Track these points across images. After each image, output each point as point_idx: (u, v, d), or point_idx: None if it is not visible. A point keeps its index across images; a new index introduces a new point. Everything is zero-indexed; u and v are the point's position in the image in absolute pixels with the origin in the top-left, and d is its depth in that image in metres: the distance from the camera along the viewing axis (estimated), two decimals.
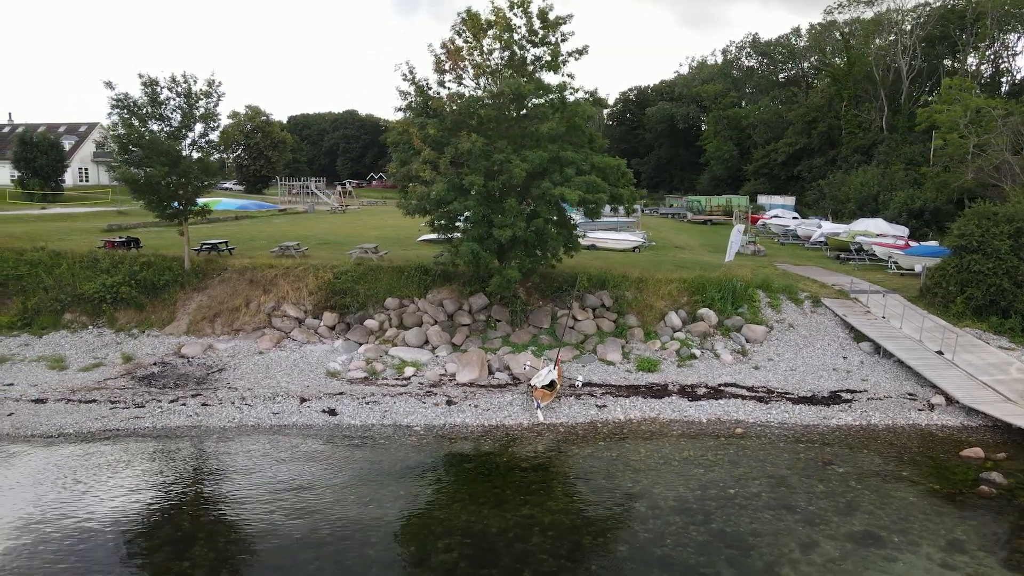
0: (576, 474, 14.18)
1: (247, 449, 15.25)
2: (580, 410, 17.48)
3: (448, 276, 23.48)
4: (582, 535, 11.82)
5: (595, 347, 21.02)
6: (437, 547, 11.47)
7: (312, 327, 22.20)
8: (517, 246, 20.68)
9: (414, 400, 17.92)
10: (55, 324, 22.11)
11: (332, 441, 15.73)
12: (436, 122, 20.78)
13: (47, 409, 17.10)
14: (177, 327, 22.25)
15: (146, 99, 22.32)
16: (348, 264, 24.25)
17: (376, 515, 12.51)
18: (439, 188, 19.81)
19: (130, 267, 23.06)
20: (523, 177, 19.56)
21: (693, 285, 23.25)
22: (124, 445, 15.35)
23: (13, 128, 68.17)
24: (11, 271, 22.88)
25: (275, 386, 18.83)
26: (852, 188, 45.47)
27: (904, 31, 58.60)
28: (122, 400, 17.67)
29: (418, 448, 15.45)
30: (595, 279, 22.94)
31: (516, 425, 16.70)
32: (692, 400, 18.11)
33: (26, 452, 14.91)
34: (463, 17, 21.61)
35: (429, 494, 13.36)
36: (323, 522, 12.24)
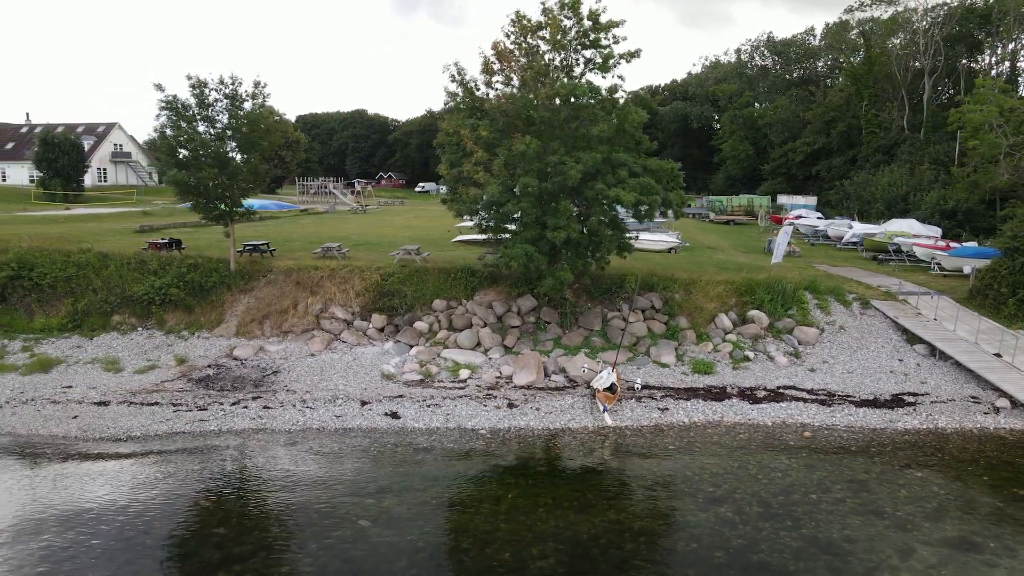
0: (654, 478, 14.11)
1: (316, 452, 15.22)
2: (643, 413, 17.43)
3: (495, 278, 23.42)
4: (675, 541, 11.77)
5: (648, 349, 20.95)
6: (532, 553, 11.42)
7: (361, 329, 22.17)
8: (569, 248, 20.61)
9: (475, 403, 17.88)
10: (104, 326, 22.10)
11: (400, 444, 15.69)
12: (487, 123, 20.74)
13: (111, 412, 17.09)
14: (226, 329, 22.23)
15: (194, 101, 22.33)
16: (393, 265, 24.22)
17: (463, 520, 12.48)
18: (493, 190, 19.74)
19: (178, 269, 23.04)
20: (578, 179, 19.50)
21: (741, 287, 23.17)
22: (193, 448, 15.32)
23: (31, 128, 68.32)
24: (59, 273, 22.87)
25: (332, 389, 18.80)
26: (879, 188, 45.30)
27: (922, 30, 58.38)
28: (183, 403, 17.65)
29: (487, 452, 15.41)
30: (644, 281, 22.86)
31: (581, 428, 16.65)
32: (752, 403, 18.04)
33: (99, 454, 14.89)
34: (512, 19, 21.60)
35: (510, 499, 13.30)
36: (411, 527, 12.20)
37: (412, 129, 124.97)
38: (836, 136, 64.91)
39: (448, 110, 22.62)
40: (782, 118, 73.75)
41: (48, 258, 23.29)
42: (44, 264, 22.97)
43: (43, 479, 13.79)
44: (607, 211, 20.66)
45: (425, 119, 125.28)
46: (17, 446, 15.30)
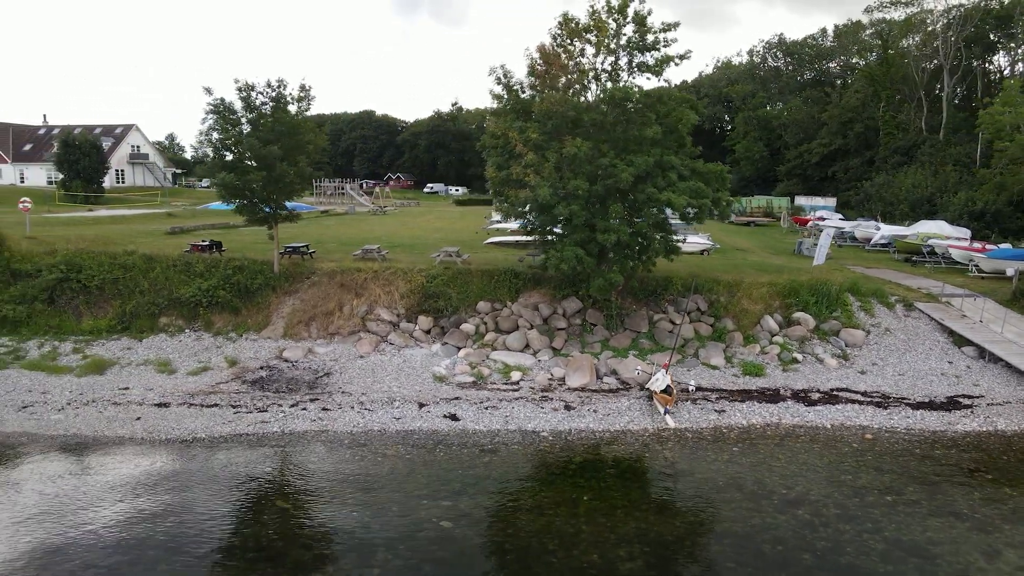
0: (724, 480, 14.16)
1: (383, 454, 15.30)
2: (700, 415, 17.49)
3: (538, 279, 23.51)
4: (759, 543, 11.82)
5: (696, 351, 21.02)
6: (619, 555, 11.49)
7: (407, 331, 22.25)
8: (619, 250, 20.68)
9: (531, 405, 17.95)
10: (152, 327, 22.22)
11: (463, 446, 15.77)
12: (537, 126, 20.82)
13: (173, 413, 17.19)
14: (273, 331, 22.32)
15: (241, 105, 22.45)
16: (436, 267, 24.31)
17: (543, 521, 12.54)
18: (544, 192, 19.80)
19: (224, 271, 23.16)
20: (630, 182, 19.57)
21: (784, 289, 23.22)
22: (260, 449, 15.41)
23: (49, 130, 68.63)
24: (107, 275, 23.00)
25: (386, 391, 18.88)
26: (902, 189, 45.31)
27: (940, 31, 58.38)
28: (242, 404, 17.75)
29: (552, 453, 15.48)
30: (688, 283, 22.92)
31: (641, 430, 16.72)
32: (808, 405, 18.09)
33: (168, 455, 14.98)
34: (559, 21, 21.69)
35: (586, 500, 13.37)
36: (494, 529, 12.29)
37: (420, 130, 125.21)
38: (853, 137, 64.95)
39: (494, 112, 22.68)
40: (797, 119, 73.82)
41: (95, 260, 23.44)
42: (92, 266, 23.11)
43: (119, 480, 13.89)
44: (657, 214, 20.72)
45: (433, 120, 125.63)
46: (86, 448, 15.40)
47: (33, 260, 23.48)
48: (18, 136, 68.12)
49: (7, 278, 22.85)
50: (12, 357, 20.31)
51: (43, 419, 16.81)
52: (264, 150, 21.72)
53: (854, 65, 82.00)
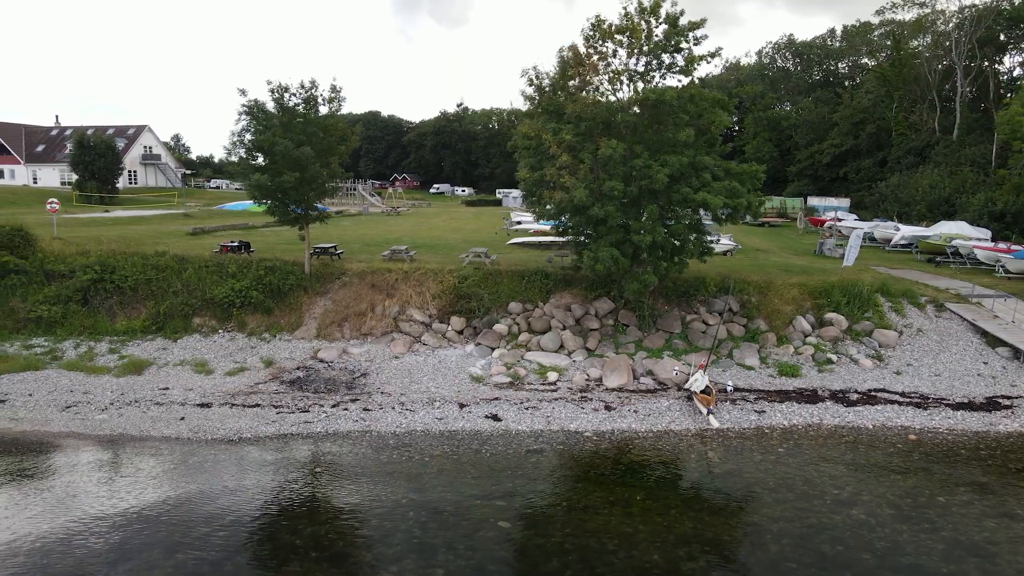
0: (775, 481, 14.19)
1: (429, 455, 15.35)
2: (740, 415, 17.53)
3: (568, 280, 23.58)
4: (819, 543, 11.86)
5: (730, 352, 21.06)
6: (679, 555, 11.55)
7: (440, 331, 22.32)
8: (653, 251, 20.71)
9: (572, 405, 18.02)
10: (186, 328, 22.31)
11: (509, 447, 15.82)
12: (571, 127, 20.86)
13: (216, 413, 17.27)
14: (307, 331, 22.40)
15: (274, 106, 22.53)
16: (465, 268, 24.37)
17: (600, 521, 12.58)
18: (580, 194, 19.84)
19: (256, 271, 23.24)
20: (665, 183, 19.62)
21: (816, 289, 23.25)
22: (307, 449, 15.47)
23: (61, 131, 68.79)
24: (140, 276, 23.10)
25: (425, 391, 18.95)
26: (919, 190, 45.31)
27: (953, 32, 58.36)
28: (284, 405, 17.83)
29: (598, 453, 15.54)
30: (720, 284, 22.97)
31: (684, 431, 16.77)
32: (847, 406, 18.13)
33: (217, 455, 15.05)
34: (592, 23, 21.75)
35: (639, 500, 13.42)
36: (551, 529, 12.33)
37: (426, 131, 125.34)
38: (865, 138, 64.92)
39: (526, 113, 22.73)
40: (807, 119, 73.79)
41: (128, 261, 23.55)
42: (125, 267, 23.22)
43: (173, 480, 13.96)
44: (692, 215, 20.76)
45: (439, 120, 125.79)
46: (133, 448, 15.48)
47: (66, 261, 23.59)
48: (31, 137, 68.30)
49: (41, 279, 22.96)
50: (50, 357, 20.42)
51: (88, 419, 16.91)
52: (298, 151, 21.78)
53: (863, 65, 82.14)
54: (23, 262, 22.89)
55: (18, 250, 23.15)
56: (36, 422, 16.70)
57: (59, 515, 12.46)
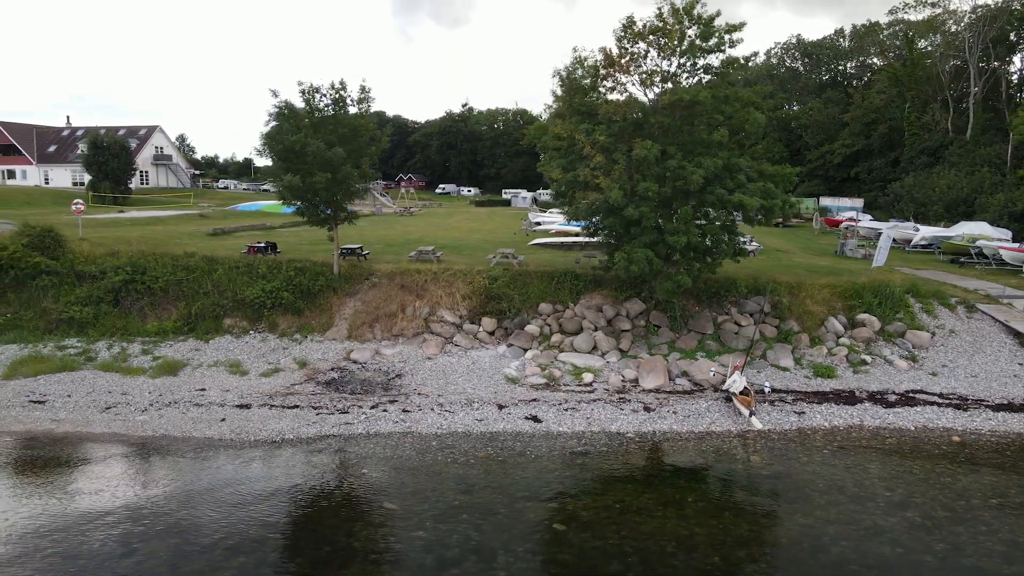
0: (824, 483, 14.15)
1: (473, 456, 15.32)
2: (780, 417, 17.50)
3: (598, 281, 23.55)
4: (879, 545, 11.82)
5: (764, 353, 21.03)
6: (739, 557, 11.53)
7: (471, 332, 22.30)
8: (687, 252, 20.69)
9: (610, 407, 18.00)
10: (217, 329, 22.30)
11: (552, 448, 15.80)
12: (604, 128, 20.85)
13: (256, 415, 17.26)
14: (338, 332, 22.39)
15: (305, 107, 22.53)
16: (494, 269, 24.35)
17: (655, 523, 12.54)
18: (615, 195, 19.82)
19: (286, 272, 23.25)
20: (700, 184, 19.60)
21: (847, 290, 23.21)
22: (352, 451, 15.45)
23: (73, 131, 68.85)
24: (171, 277, 23.09)
25: (462, 392, 18.93)
26: (936, 190, 45.26)
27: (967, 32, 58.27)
28: (323, 406, 17.82)
29: (641, 455, 15.52)
30: (759, 285, 22.95)
31: (725, 432, 16.74)
32: (886, 407, 18.10)
33: (262, 456, 15.04)
34: (623, 24, 21.74)
35: (691, 502, 13.41)
36: (607, 531, 12.28)
37: (432, 131, 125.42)
38: (877, 138, 64.85)
39: (557, 114, 22.71)
40: (817, 120, 73.71)
41: (159, 262, 23.56)
42: (155, 268, 23.23)
43: (224, 482, 13.94)
44: (726, 216, 20.73)
45: (445, 121, 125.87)
46: (178, 449, 15.47)
47: (96, 262, 23.60)
48: (42, 137, 68.37)
49: (72, 280, 22.97)
50: (84, 358, 20.43)
51: (129, 420, 16.91)
52: (329, 152, 21.77)
53: (871, 66, 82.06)
54: (54, 263, 22.90)
55: (48, 251, 23.16)
56: (78, 423, 16.71)
57: (116, 517, 12.45)
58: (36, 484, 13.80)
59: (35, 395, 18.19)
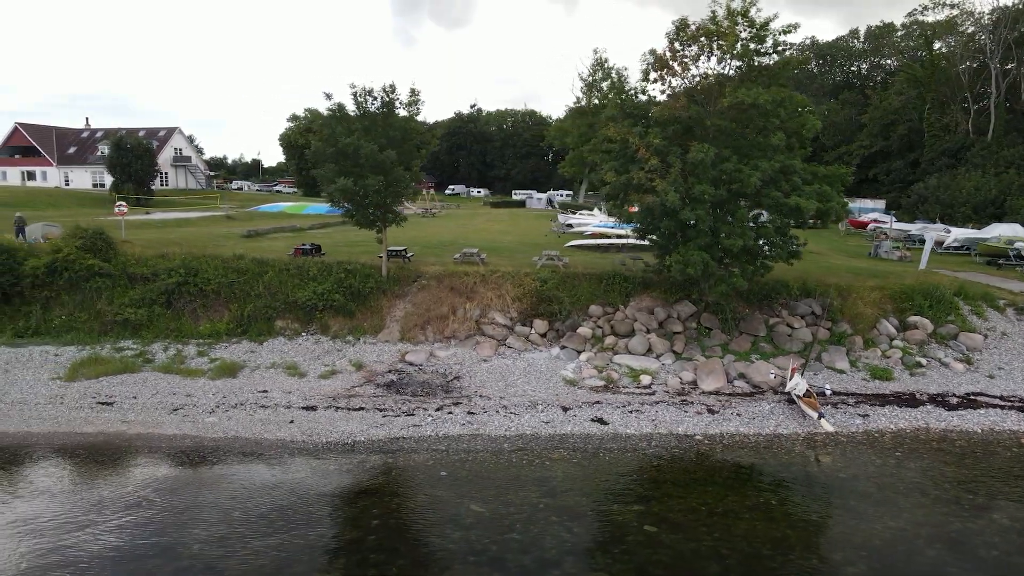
0: (905, 485, 14.20)
1: (548, 457, 15.37)
2: (845, 419, 17.54)
3: (646, 283, 23.62)
4: (975, 548, 11.85)
5: (819, 355, 21.06)
6: (837, 559, 11.59)
7: (523, 334, 22.36)
8: (742, 254, 20.75)
9: (673, 408, 18.06)
10: (269, 331, 22.40)
11: (624, 450, 15.87)
12: (658, 131, 20.93)
13: (323, 416, 17.34)
14: (390, 334, 22.48)
15: (356, 110, 22.63)
16: (544, 271, 24.42)
17: (745, 526, 12.58)
18: (672, 197, 19.87)
19: (336, 275, 23.34)
20: (757, 186, 19.66)
21: (897, 292, 23.25)
22: (427, 453, 15.52)
23: (92, 133, 69.09)
24: (222, 279, 23.20)
25: (523, 394, 19.00)
26: (964, 192, 45.27)
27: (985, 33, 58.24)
28: (388, 408, 17.89)
29: (714, 457, 15.57)
30: (800, 287, 23.00)
31: (793, 434, 16.80)
32: (948, 409, 18.13)
33: (339, 458, 15.11)
34: (676, 26, 21.83)
35: (776, 504, 13.47)
36: (698, 533, 12.35)
37: (440, 132, 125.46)
38: (896, 139, 64.81)
39: (609, 117, 22.77)
40: (834, 121, 73.68)
41: (209, 264, 23.66)
42: (207, 270, 23.34)
43: (311, 485, 14.02)
44: (780, 218, 20.76)
45: (454, 122, 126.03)
46: (253, 451, 15.55)
47: (147, 264, 23.73)
48: (62, 139, 68.62)
49: (124, 281, 23.09)
50: (142, 360, 20.54)
51: (198, 422, 17.00)
52: (382, 155, 21.86)
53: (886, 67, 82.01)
54: (107, 265, 23.02)
55: (101, 253, 23.28)
56: (148, 424, 16.81)
57: (213, 516, 12.55)
58: (126, 486, 13.90)
59: (101, 396, 18.30)
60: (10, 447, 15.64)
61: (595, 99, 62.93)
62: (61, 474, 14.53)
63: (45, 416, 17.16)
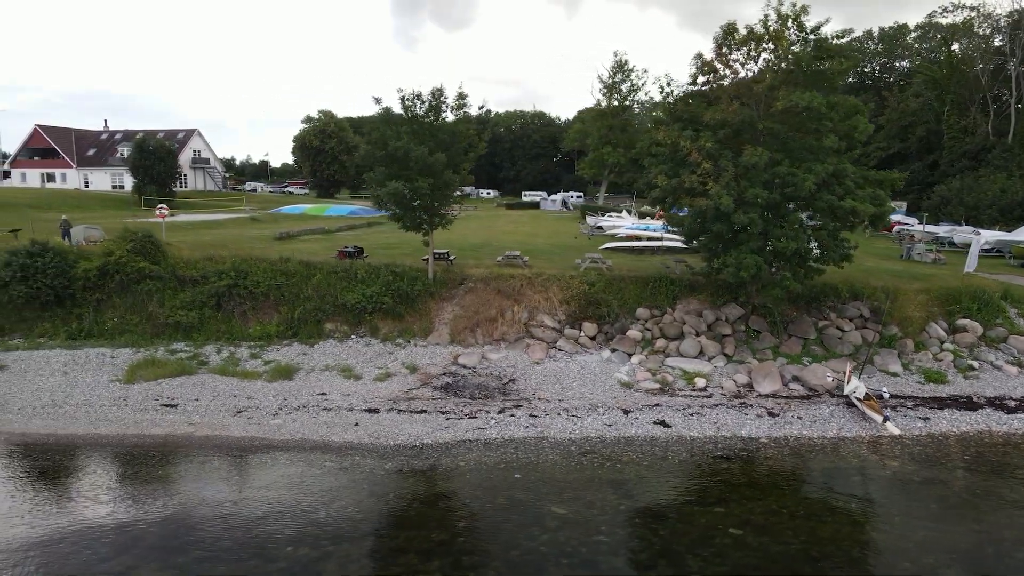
0: (982, 488, 14.22)
1: (618, 460, 15.43)
2: (906, 422, 17.59)
3: (692, 286, 23.69)
4: None
5: (870, 358, 21.10)
6: (928, 563, 11.62)
7: (572, 337, 22.44)
8: (795, 258, 20.80)
9: (734, 411, 18.12)
10: (319, 333, 22.50)
11: (692, 453, 15.93)
12: (709, 134, 21.01)
13: (387, 419, 17.43)
14: (440, 336, 22.56)
15: (406, 114, 22.75)
16: (590, 274, 24.50)
17: (830, 529, 12.65)
18: (726, 201, 19.93)
19: (385, 277, 23.44)
20: (812, 190, 19.72)
21: (943, 295, 23.30)
22: (493, 454, 15.58)
23: (111, 135, 69.34)
24: (271, 281, 23.31)
25: (580, 396, 19.08)
26: (990, 194, 45.27)
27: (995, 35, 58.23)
28: (450, 411, 17.97)
29: (783, 460, 15.62)
30: (848, 290, 23.05)
31: (857, 437, 16.85)
32: (1007, 412, 18.17)
33: (413, 461, 15.19)
34: (724, 30, 21.92)
35: (855, 508, 13.53)
36: (785, 536, 12.40)
37: None
38: (914, 141, 64.79)
39: (658, 121, 22.86)
40: None
41: (258, 267, 23.78)
42: (256, 273, 23.45)
43: (386, 487, 14.11)
44: (832, 222, 20.81)
45: None
46: (325, 454, 15.62)
47: (196, 266, 23.85)
48: (81, 141, 68.87)
49: (174, 284, 23.22)
50: (196, 362, 20.65)
51: (263, 424, 17.10)
52: (431, 158, 21.96)
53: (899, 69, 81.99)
54: (156, 267, 23.15)
55: (150, 256, 23.41)
56: (215, 427, 16.91)
57: (303, 519, 12.64)
58: (207, 488, 13.99)
59: (163, 399, 18.42)
60: (83, 449, 15.77)
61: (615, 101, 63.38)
62: (143, 476, 14.60)
63: (112, 418, 17.28)
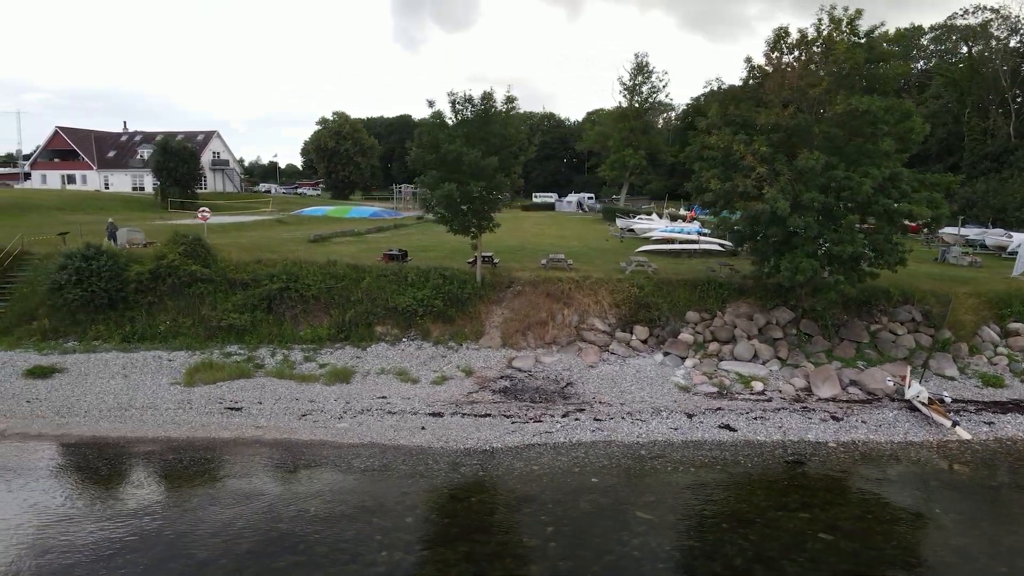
0: None
1: (693, 464, 15.46)
2: (970, 427, 17.57)
3: (741, 289, 23.70)
4: None
5: (926, 362, 21.08)
6: (1000, 571, 11.62)
7: (624, 340, 22.46)
8: (850, 261, 20.79)
9: (796, 415, 18.13)
10: (370, 336, 22.55)
11: (763, 457, 15.94)
12: (763, 138, 21.02)
13: (452, 423, 17.47)
14: (491, 340, 22.60)
15: (455, 117, 22.80)
16: (639, 277, 24.52)
17: (917, 535, 12.72)
18: (782, 205, 19.94)
19: (435, 281, 23.49)
20: (869, 193, 19.72)
21: (994, 299, 23.26)
22: (564, 458, 15.60)
23: (131, 137, 69.56)
24: (321, 285, 23.38)
25: (640, 400, 19.11)
26: (1019, 196, 45.19)
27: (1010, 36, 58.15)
28: (514, 414, 18.01)
29: (856, 464, 15.62)
30: (900, 293, 23.04)
31: (924, 442, 16.84)
32: None
33: (484, 465, 15.21)
34: (776, 34, 21.96)
35: (939, 513, 13.52)
36: (875, 540, 12.41)
37: None
38: (935, 143, 64.65)
39: (710, 125, 22.86)
40: None
41: (308, 270, 23.85)
42: (306, 276, 23.52)
43: (468, 490, 14.15)
44: (887, 226, 20.81)
45: None
46: (395, 457, 15.65)
47: (246, 269, 23.93)
48: (101, 143, 69.10)
49: (225, 287, 23.30)
50: (251, 365, 20.70)
51: (330, 428, 17.15)
52: (484, 161, 22.01)
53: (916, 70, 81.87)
54: (208, 270, 23.24)
55: (200, 259, 23.49)
56: (282, 430, 16.95)
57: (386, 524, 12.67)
58: (292, 491, 14.03)
59: (226, 402, 18.48)
60: (157, 452, 15.83)
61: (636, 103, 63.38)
62: (222, 479, 14.64)
63: (179, 421, 17.35)
